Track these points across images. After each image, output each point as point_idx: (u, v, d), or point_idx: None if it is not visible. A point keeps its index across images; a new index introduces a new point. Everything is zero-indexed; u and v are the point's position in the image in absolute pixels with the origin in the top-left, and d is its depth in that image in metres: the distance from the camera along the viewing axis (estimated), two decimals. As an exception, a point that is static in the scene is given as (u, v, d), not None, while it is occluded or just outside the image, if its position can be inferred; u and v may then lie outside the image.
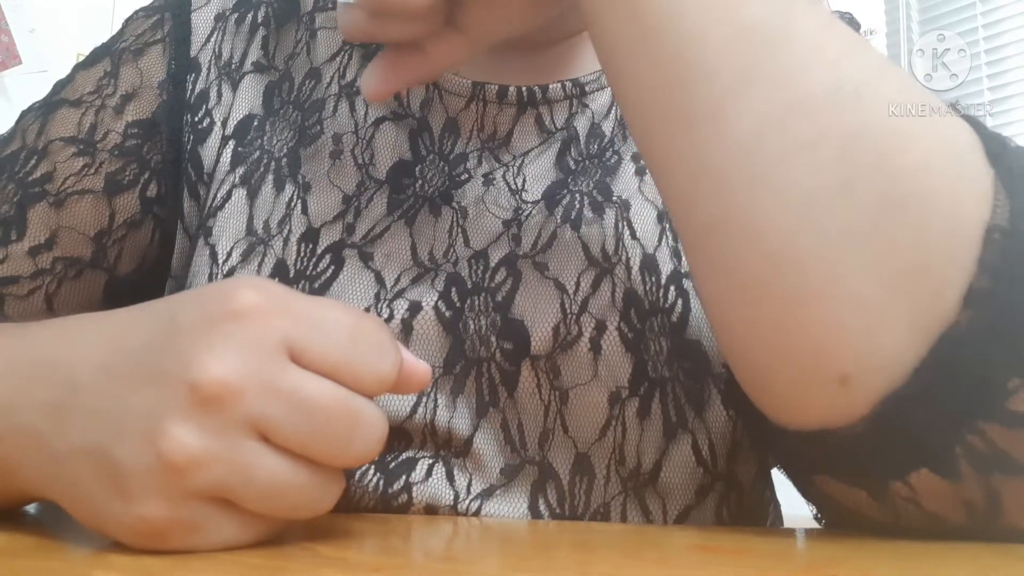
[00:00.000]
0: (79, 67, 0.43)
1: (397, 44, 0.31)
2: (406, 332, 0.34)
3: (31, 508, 0.30)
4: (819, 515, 0.33)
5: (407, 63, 0.30)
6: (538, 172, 0.38)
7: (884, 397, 0.24)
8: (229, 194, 0.38)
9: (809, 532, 0.30)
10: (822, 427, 0.25)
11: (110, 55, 0.42)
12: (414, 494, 0.32)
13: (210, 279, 0.36)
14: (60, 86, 0.42)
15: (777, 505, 0.40)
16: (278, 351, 0.22)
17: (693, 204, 0.25)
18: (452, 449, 0.33)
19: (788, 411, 0.26)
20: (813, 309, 0.24)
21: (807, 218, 0.23)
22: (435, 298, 0.34)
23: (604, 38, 0.27)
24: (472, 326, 0.34)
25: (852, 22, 0.43)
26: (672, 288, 0.35)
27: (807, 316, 0.24)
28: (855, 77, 0.24)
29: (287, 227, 0.36)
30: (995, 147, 0.25)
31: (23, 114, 0.42)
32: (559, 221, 0.36)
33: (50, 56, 1.36)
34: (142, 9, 0.44)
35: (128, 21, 0.44)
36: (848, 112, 0.24)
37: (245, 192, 0.38)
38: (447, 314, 0.34)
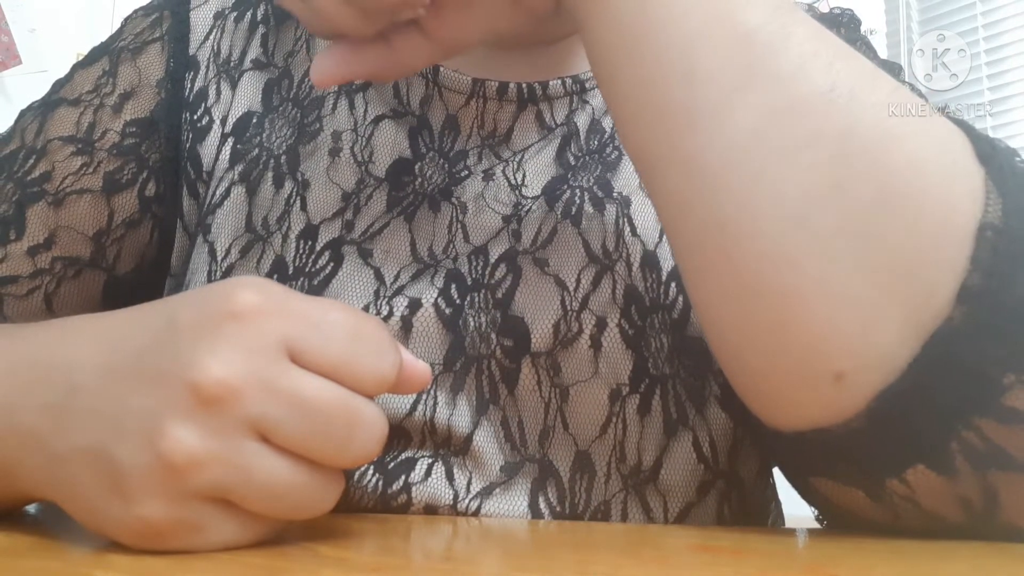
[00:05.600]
0: (78, 66, 0.43)
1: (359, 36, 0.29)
2: (406, 329, 0.34)
3: (31, 508, 0.30)
4: (820, 516, 0.33)
5: (367, 53, 0.29)
6: (538, 167, 0.38)
7: (878, 393, 0.24)
8: (228, 191, 0.38)
9: (809, 532, 0.30)
10: (817, 426, 0.25)
11: (108, 54, 0.42)
12: (413, 494, 0.32)
13: (209, 276, 0.36)
14: (59, 85, 0.42)
15: (778, 502, 0.40)
16: (278, 351, 0.22)
17: (690, 205, 0.26)
18: (451, 447, 0.33)
19: (783, 412, 0.26)
20: (806, 307, 0.24)
21: (802, 216, 0.24)
22: (435, 295, 0.34)
23: (603, 37, 0.27)
24: (472, 323, 0.34)
25: (853, 19, 0.43)
26: (673, 285, 0.35)
27: (800, 314, 0.24)
28: (848, 80, 0.25)
29: (286, 224, 0.36)
30: (985, 148, 0.25)
31: (22, 113, 0.42)
32: (559, 217, 0.36)
33: (50, 56, 1.36)
34: (141, 8, 0.44)
35: (127, 20, 0.44)
36: (842, 113, 0.24)
37: (244, 189, 0.38)
38: (447, 311, 0.34)
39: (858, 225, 0.24)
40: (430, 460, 0.33)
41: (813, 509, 0.32)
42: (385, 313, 0.34)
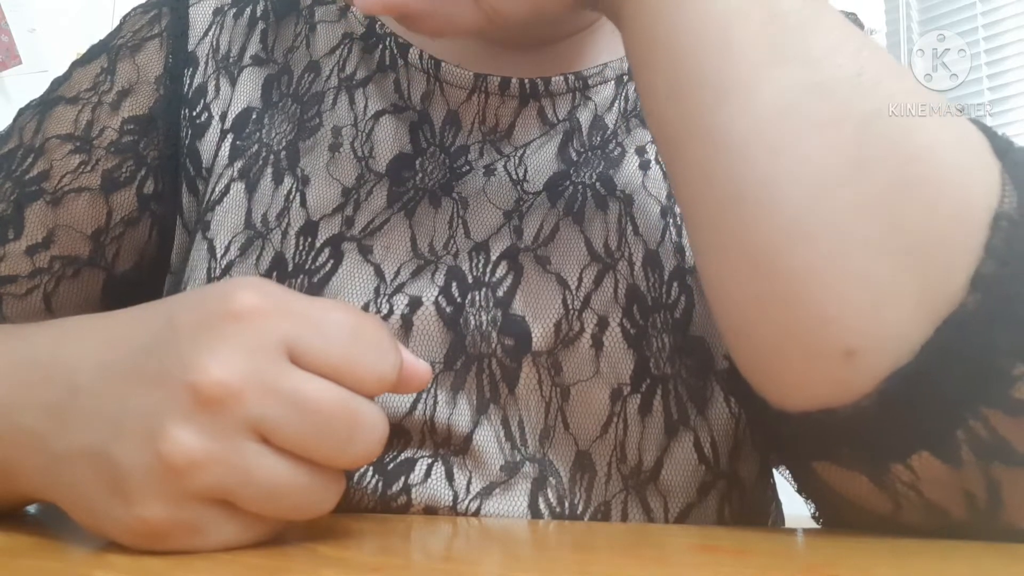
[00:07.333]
0: (76, 64, 0.42)
1: None
2: (406, 328, 0.34)
3: (31, 508, 0.30)
4: (817, 514, 0.33)
5: None
6: (540, 163, 0.38)
7: (889, 375, 0.24)
8: (227, 188, 0.38)
9: (809, 532, 0.30)
10: (826, 406, 0.25)
11: (107, 51, 0.42)
12: (413, 495, 0.32)
13: (208, 273, 0.36)
14: (57, 83, 0.42)
15: (779, 504, 0.40)
16: (278, 352, 0.22)
17: (711, 178, 0.26)
18: (451, 447, 0.33)
19: (792, 391, 0.26)
20: (819, 283, 0.24)
21: (821, 194, 0.24)
22: (435, 293, 0.34)
23: (641, 9, 0.28)
24: (473, 322, 0.34)
25: (856, 22, 0.43)
26: (675, 284, 0.35)
27: (813, 290, 0.25)
28: (875, 68, 0.25)
29: (286, 220, 0.36)
30: (1001, 144, 0.26)
31: (21, 112, 0.42)
32: (561, 213, 0.36)
33: (50, 56, 1.35)
34: (140, 5, 0.44)
35: (126, 18, 0.44)
36: (867, 97, 0.25)
37: (243, 186, 0.38)
38: (448, 310, 0.34)
39: (875, 206, 0.24)
40: (430, 460, 0.33)
41: (810, 505, 0.32)
42: (385, 311, 0.34)
